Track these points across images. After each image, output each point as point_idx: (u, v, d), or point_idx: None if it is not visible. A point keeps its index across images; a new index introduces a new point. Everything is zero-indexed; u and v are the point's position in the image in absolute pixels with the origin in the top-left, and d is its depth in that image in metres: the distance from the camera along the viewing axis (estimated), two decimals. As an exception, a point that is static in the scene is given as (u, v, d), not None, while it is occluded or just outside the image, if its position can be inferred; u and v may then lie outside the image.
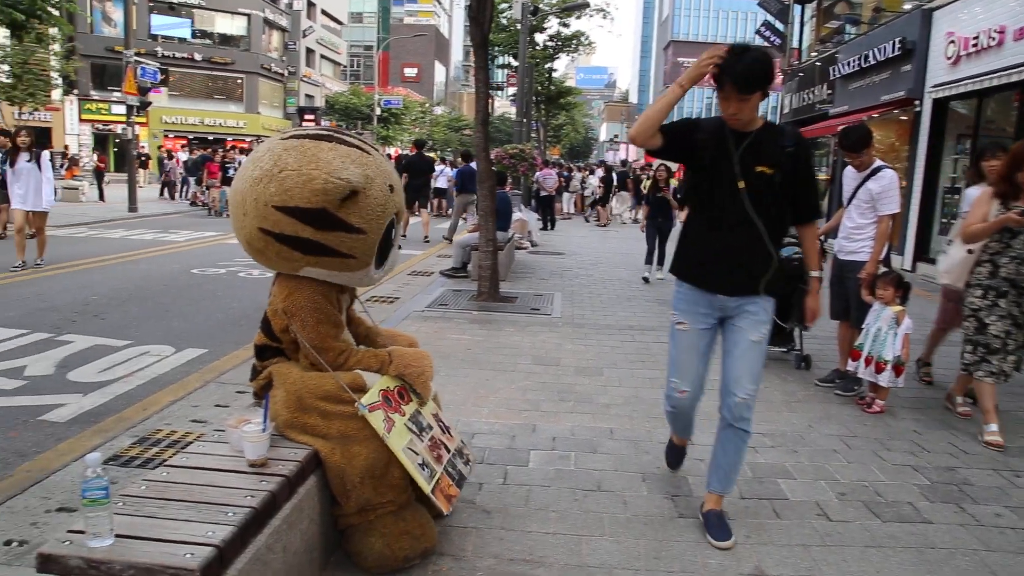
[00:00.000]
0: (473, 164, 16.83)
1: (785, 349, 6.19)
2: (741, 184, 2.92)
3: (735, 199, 2.94)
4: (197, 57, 42.05)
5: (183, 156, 26.39)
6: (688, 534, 3.13)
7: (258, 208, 2.50)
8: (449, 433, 2.99)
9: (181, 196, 24.12)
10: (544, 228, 18.22)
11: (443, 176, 22.48)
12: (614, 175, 23.56)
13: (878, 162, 5.20)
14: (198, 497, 2.15)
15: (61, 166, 26.44)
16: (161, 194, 24.87)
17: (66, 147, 29.15)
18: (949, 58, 12.51)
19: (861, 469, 3.93)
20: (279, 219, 2.48)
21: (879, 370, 4.85)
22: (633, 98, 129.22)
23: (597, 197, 23.06)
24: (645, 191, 22.12)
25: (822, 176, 21.03)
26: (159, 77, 20.54)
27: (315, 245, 2.51)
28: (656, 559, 2.91)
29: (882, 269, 5.06)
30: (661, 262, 10.73)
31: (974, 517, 3.42)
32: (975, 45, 11.71)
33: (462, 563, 2.80)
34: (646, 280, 10.50)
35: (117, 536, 1.88)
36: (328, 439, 2.59)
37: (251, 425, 2.43)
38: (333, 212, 2.47)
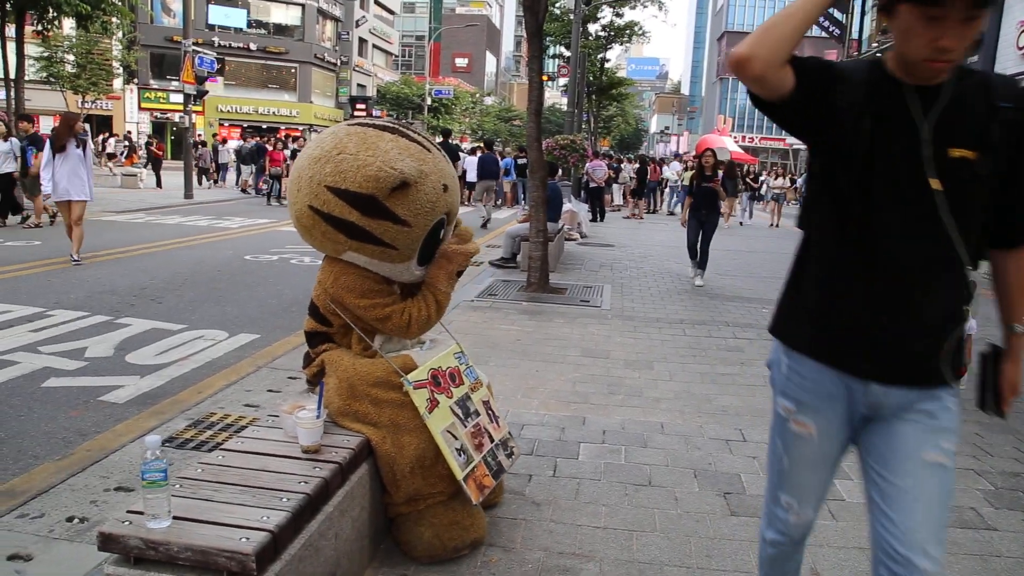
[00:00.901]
0: (495, 152, 17.32)
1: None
2: (935, 183, 1.61)
3: (923, 207, 1.63)
4: (252, 47, 42.79)
5: (234, 144, 26.75)
6: (740, 533, 3.06)
7: (312, 186, 2.52)
8: (497, 423, 2.96)
9: (235, 183, 24.55)
10: (593, 220, 18.10)
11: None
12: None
13: None
14: (252, 481, 2.17)
15: (122, 154, 27.20)
16: (199, 182, 25.23)
17: (152, 138, 29.10)
18: (1020, 48, 12.02)
19: (922, 472, 3.80)
20: (329, 199, 2.49)
21: None
22: (685, 90, 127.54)
23: (632, 188, 22.52)
24: (685, 181, 21.71)
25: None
26: (216, 66, 20.92)
27: (360, 230, 2.51)
28: (708, 557, 2.85)
29: None
30: (703, 264, 9.57)
31: (1042, 526, 3.28)
32: (1049, 33, 11.24)
33: (511, 555, 2.78)
34: (698, 285, 9.40)
35: (174, 518, 1.90)
36: (379, 427, 2.60)
37: (305, 411, 2.44)
38: (382, 200, 2.47)
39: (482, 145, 27.95)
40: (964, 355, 1.76)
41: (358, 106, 44.61)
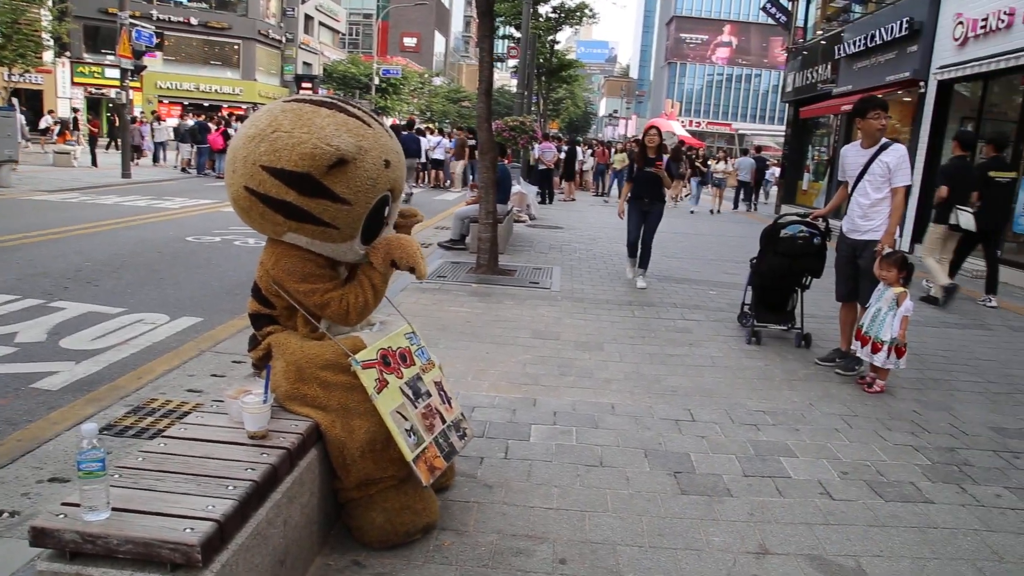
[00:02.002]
0: (414, 132, 17.61)
1: (785, 327, 6.15)
2: None
3: None
4: (193, 21, 41.36)
5: (172, 122, 25.84)
6: (691, 511, 3.09)
7: (247, 166, 2.43)
8: (449, 404, 2.92)
9: (175, 162, 23.78)
10: (542, 202, 18.09)
11: (440, 148, 22.33)
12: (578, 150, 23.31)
13: (885, 139, 5.14)
14: (197, 469, 2.09)
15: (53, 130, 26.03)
16: (134, 159, 24.35)
17: (122, 113, 26.52)
18: (956, 39, 12.37)
19: (862, 448, 3.91)
20: (265, 179, 2.41)
21: (875, 350, 4.82)
22: (634, 73, 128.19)
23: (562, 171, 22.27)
24: (617, 165, 21.55)
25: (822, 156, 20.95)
26: (154, 40, 20.18)
27: (298, 211, 2.43)
28: (659, 536, 2.88)
29: (887, 249, 5.00)
30: (644, 263, 8.18)
31: (975, 497, 3.40)
32: (983, 27, 11.58)
33: (464, 538, 2.76)
34: (640, 287, 7.97)
35: (113, 509, 1.82)
36: (328, 411, 2.53)
37: (251, 396, 2.37)
38: (318, 178, 2.39)
39: (428, 126, 27.74)
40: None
41: (304, 85, 43.66)
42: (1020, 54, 10.36)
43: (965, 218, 7.89)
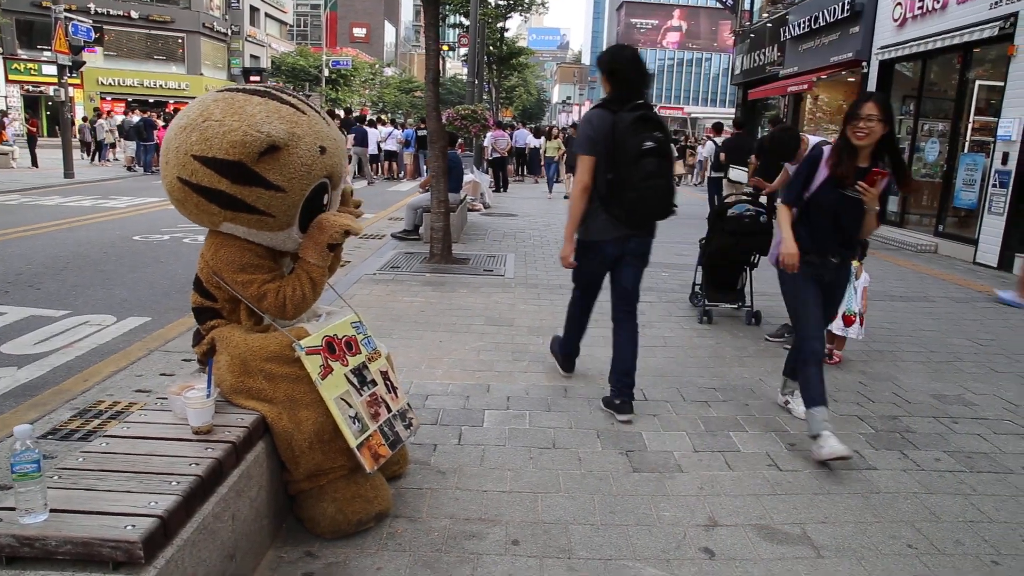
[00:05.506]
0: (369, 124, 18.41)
1: (736, 306, 6.26)
2: None
3: None
4: (134, 15, 40.24)
5: (111, 120, 25.15)
6: (642, 488, 3.15)
7: (179, 157, 2.41)
8: (395, 393, 2.92)
9: (120, 159, 23.17)
10: (496, 190, 18.08)
11: (392, 139, 22.15)
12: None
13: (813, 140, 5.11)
14: (140, 467, 2.06)
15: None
16: (88, 156, 23.72)
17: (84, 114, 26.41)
18: (896, 20, 12.65)
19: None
20: (197, 169, 2.39)
21: (848, 323, 4.95)
22: (586, 60, 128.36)
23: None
24: (550, 152, 20.36)
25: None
26: (93, 35, 19.58)
27: (232, 199, 2.42)
28: (611, 513, 2.93)
29: None
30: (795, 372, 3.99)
31: (915, 462, 3.53)
32: (920, 8, 11.86)
33: (417, 524, 2.77)
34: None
35: (52, 511, 1.79)
36: (274, 404, 2.52)
37: (195, 391, 2.34)
38: (250, 166, 2.38)
39: (381, 117, 27.48)
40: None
41: (252, 78, 42.82)
42: (955, 34, 10.64)
43: (736, 173, 10.26)
